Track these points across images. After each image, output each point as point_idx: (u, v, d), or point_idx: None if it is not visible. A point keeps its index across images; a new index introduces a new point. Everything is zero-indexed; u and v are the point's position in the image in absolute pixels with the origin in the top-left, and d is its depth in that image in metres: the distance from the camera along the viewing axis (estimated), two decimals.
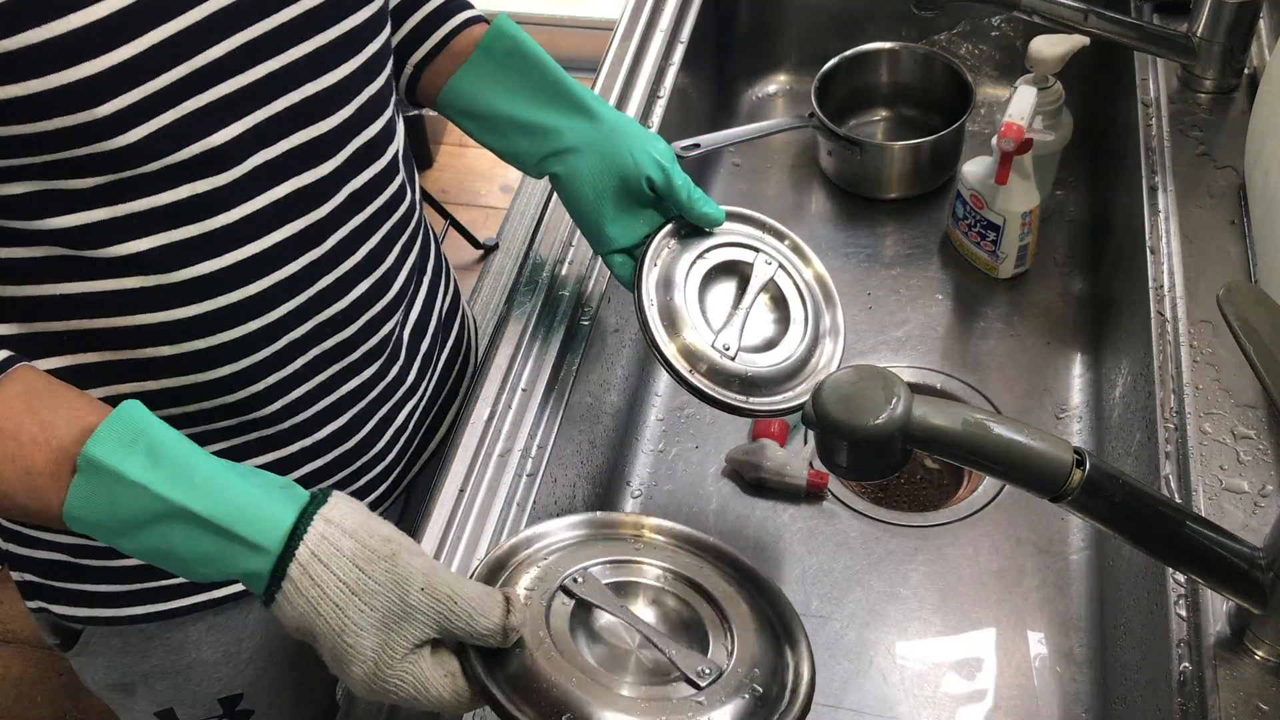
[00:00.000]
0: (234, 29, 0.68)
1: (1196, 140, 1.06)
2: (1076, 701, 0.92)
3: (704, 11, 1.28)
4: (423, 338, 0.93)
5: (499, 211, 2.59)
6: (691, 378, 0.88)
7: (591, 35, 2.82)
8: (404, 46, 0.92)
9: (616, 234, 0.90)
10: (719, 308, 0.92)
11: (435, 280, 0.96)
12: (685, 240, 0.92)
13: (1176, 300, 0.92)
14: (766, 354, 0.91)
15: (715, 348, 0.88)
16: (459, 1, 0.94)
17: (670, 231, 0.92)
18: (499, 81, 0.89)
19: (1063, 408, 1.10)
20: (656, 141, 0.90)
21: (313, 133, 0.74)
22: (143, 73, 0.64)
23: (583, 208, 0.90)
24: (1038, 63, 1.13)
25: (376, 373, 0.86)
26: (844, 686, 0.94)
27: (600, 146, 0.88)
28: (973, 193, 1.15)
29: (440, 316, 0.97)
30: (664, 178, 0.89)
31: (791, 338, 0.92)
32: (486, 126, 0.91)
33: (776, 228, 0.97)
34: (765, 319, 0.93)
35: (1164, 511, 0.65)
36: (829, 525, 1.04)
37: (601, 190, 0.89)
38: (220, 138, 0.69)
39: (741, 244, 0.94)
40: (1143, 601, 0.84)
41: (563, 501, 0.95)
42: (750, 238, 0.95)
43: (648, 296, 0.88)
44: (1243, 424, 0.84)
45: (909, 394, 0.61)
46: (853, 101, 1.36)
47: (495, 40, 0.89)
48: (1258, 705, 0.71)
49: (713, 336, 0.89)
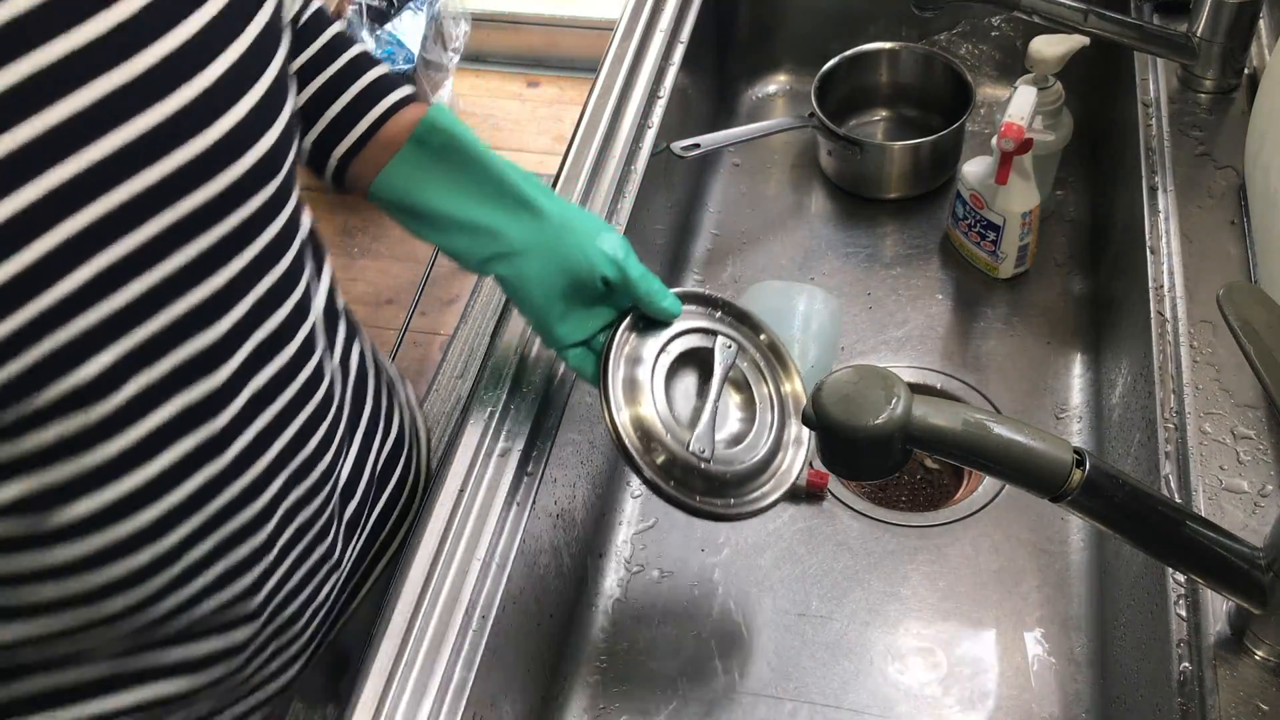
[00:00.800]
0: (90, 254, 0.56)
1: (1196, 140, 1.06)
2: (1076, 701, 0.92)
3: (704, 11, 1.28)
4: (349, 502, 0.84)
5: None
6: (679, 493, 0.83)
7: (591, 35, 2.82)
8: (326, 137, 0.83)
9: (568, 333, 0.84)
10: (686, 403, 0.87)
11: (372, 431, 0.87)
12: (644, 333, 0.86)
13: (1176, 300, 0.92)
14: (737, 449, 0.86)
15: (692, 453, 0.83)
16: (387, 81, 0.85)
17: (628, 325, 0.86)
18: (435, 176, 0.81)
19: (1063, 408, 1.10)
20: (609, 235, 0.83)
21: (201, 342, 0.63)
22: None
23: (531, 310, 0.84)
24: (1038, 63, 1.13)
25: (289, 569, 0.77)
26: (844, 686, 0.94)
27: (549, 246, 0.81)
28: (973, 193, 1.15)
29: (375, 470, 0.88)
30: (620, 275, 0.82)
31: (759, 427, 0.88)
32: (424, 223, 0.82)
33: (721, 300, 0.91)
34: (729, 406, 0.89)
35: (1164, 511, 0.65)
36: (829, 525, 1.04)
37: (551, 292, 0.82)
38: (89, 370, 0.58)
39: (700, 329, 0.89)
40: (1143, 601, 0.84)
41: (563, 501, 0.95)
42: (705, 317, 0.90)
43: (616, 404, 0.82)
44: (1243, 424, 0.84)
45: (909, 394, 0.61)
46: (853, 101, 1.36)
47: (429, 133, 0.81)
48: (1258, 705, 0.71)
49: (688, 440, 0.83)
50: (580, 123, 1.13)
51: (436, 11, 2.49)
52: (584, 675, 0.97)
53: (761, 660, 0.96)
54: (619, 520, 1.07)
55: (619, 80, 1.17)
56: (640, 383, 0.84)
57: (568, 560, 0.97)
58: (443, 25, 2.52)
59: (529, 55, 2.91)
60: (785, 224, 1.30)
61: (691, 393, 0.87)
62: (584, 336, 0.85)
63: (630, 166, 1.11)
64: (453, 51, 2.56)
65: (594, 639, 0.99)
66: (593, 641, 0.99)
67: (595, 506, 1.03)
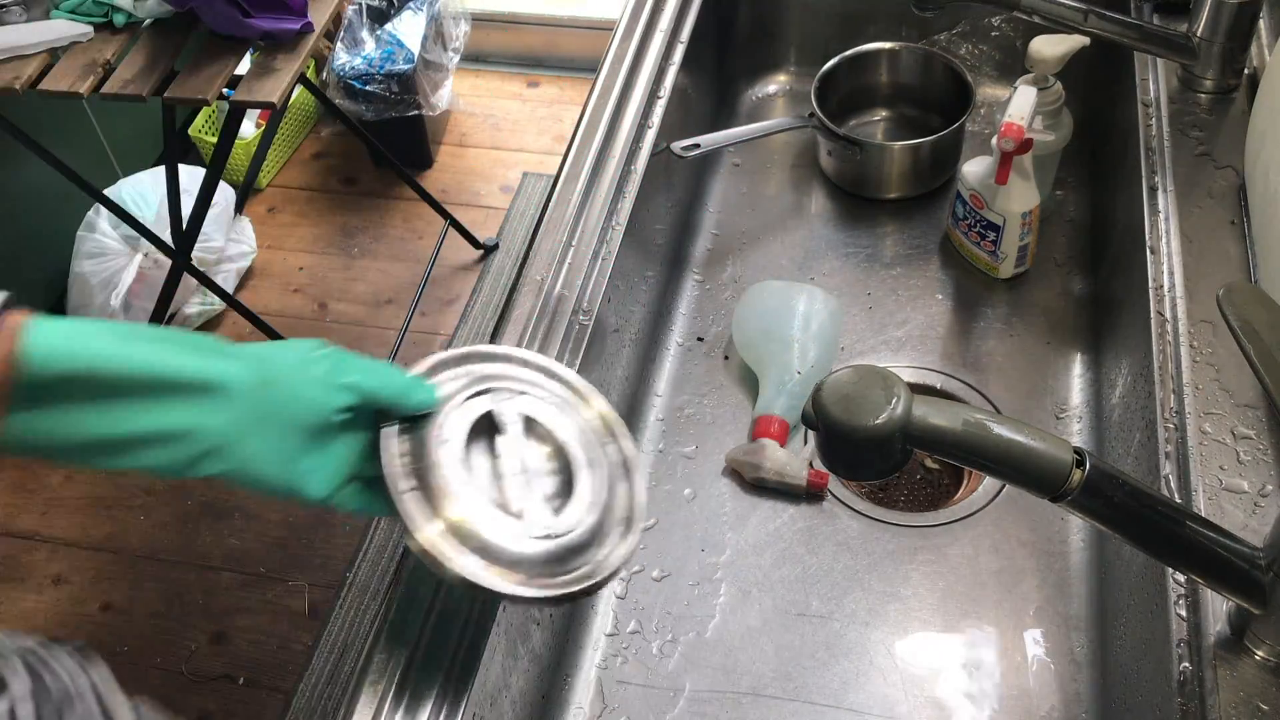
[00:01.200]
0: None
1: (1196, 140, 1.06)
2: (1076, 701, 0.92)
3: (704, 11, 1.28)
4: None
5: (499, 211, 2.59)
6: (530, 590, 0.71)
7: (591, 35, 2.82)
8: None
9: (327, 484, 0.70)
10: (498, 483, 0.74)
11: None
12: (413, 432, 0.73)
13: (1176, 300, 0.92)
14: (572, 503, 0.75)
15: (533, 538, 0.72)
16: None
17: (391, 434, 0.72)
18: (74, 403, 0.62)
19: (1063, 408, 1.10)
20: (318, 358, 0.69)
21: None
22: None
23: (275, 487, 0.68)
24: (1038, 63, 1.13)
25: None
26: (844, 686, 0.94)
27: (259, 414, 0.66)
28: (973, 193, 1.15)
29: None
30: (357, 396, 0.70)
31: (580, 467, 0.76)
32: (92, 454, 0.63)
33: (476, 352, 0.81)
34: (540, 460, 0.77)
35: (1164, 511, 0.65)
36: (829, 525, 1.04)
37: (287, 459, 0.67)
38: None
39: (471, 393, 0.76)
40: (1143, 601, 0.84)
41: None
42: (466, 377, 0.78)
43: (422, 525, 0.70)
44: (1243, 424, 0.84)
45: (909, 394, 0.61)
46: (853, 101, 1.36)
47: (47, 363, 0.60)
48: (1258, 705, 0.71)
49: (517, 523, 0.72)
50: (580, 123, 1.14)
51: (436, 11, 2.49)
52: (584, 675, 0.97)
53: (761, 660, 0.96)
54: None
55: (619, 80, 1.17)
56: (438, 488, 0.71)
57: None
58: (443, 25, 2.52)
59: (529, 55, 2.91)
60: (785, 224, 1.31)
61: (499, 468, 0.75)
62: (347, 475, 0.72)
63: (630, 166, 1.11)
64: (453, 51, 2.56)
65: (594, 639, 0.99)
66: (593, 641, 0.99)
67: None
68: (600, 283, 1.03)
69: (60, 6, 1.77)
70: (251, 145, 2.55)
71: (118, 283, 2.24)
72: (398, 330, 2.33)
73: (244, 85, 1.72)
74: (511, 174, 2.67)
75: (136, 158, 2.48)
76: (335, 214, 2.60)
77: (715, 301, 1.23)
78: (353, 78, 2.38)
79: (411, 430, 0.73)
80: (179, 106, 1.78)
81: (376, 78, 2.38)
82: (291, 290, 2.46)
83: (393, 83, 2.39)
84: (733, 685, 0.95)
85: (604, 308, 1.02)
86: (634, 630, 1.00)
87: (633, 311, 1.12)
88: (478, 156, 2.72)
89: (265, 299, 2.44)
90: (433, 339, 2.35)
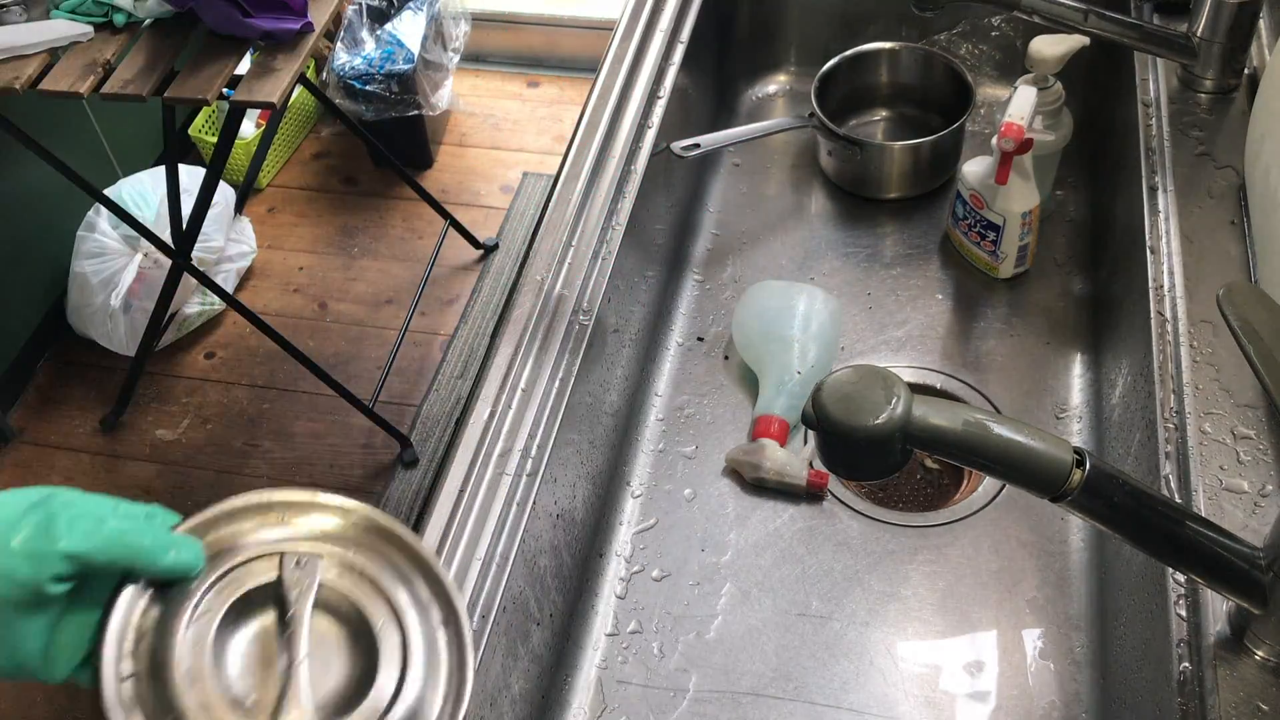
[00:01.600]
0: None
1: (1196, 140, 1.06)
2: (1076, 701, 0.92)
3: (704, 11, 1.28)
4: None
5: (499, 211, 2.59)
6: None
7: (591, 35, 2.82)
8: None
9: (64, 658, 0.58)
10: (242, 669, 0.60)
11: None
12: (163, 601, 0.59)
13: (1176, 300, 0.92)
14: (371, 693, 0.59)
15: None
16: None
17: (127, 605, 0.58)
18: None
19: (1063, 408, 1.10)
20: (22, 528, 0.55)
21: None
22: None
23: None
24: (1038, 63, 1.13)
25: None
26: (844, 686, 0.94)
27: None
28: (973, 193, 1.15)
29: None
30: (78, 562, 0.56)
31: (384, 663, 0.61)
32: None
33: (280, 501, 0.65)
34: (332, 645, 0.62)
35: (1164, 511, 0.65)
36: (829, 525, 1.04)
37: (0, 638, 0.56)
38: None
39: (250, 556, 0.62)
40: (1143, 601, 0.84)
41: (563, 501, 0.95)
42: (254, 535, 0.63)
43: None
44: (1243, 424, 0.84)
45: (909, 394, 0.61)
46: (853, 101, 1.36)
47: None
48: (1258, 705, 0.71)
49: None
50: (580, 123, 1.14)
51: (436, 11, 2.49)
52: (584, 675, 0.97)
53: (761, 660, 0.96)
54: (619, 520, 1.07)
55: (619, 80, 1.17)
56: (165, 679, 0.57)
57: (568, 560, 0.97)
58: (443, 25, 2.52)
59: (529, 55, 2.91)
60: (785, 224, 1.30)
61: (271, 655, 0.60)
62: (85, 653, 0.58)
63: (630, 166, 1.11)
64: (453, 51, 2.56)
65: (594, 639, 0.99)
66: (593, 641, 0.99)
67: (595, 506, 1.03)
68: (600, 283, 1.03)
69: (60, 6, 1.77)
70: (251, 145, 2.55)
71: (118, 282, 2.25)
72: (398, 330, 2.33)
73: (244, 85, 1.72)
74: (511, 174, 2.67)
75: (136, 158, 2.48)
76: (335, 214, 2.61)
77: (715, 301, 1.23)
78: (353, 78, 2.38)
79: (165, 599, 0.59)
80: (179, 106, 1.78)
81: (376, 78, 2.38)
82: (291, 290, 2.46)
83: (393, 83, 2.39)
84: (733, 685, 0.95)
85: (604, 308, 1.02)
86: (634, 630, 1.00)
87: (633, 311, 1.12)
88: (478, 156, 2.72)
89: (265, 299, 2.44)
90: (433, 339, 2.35)
